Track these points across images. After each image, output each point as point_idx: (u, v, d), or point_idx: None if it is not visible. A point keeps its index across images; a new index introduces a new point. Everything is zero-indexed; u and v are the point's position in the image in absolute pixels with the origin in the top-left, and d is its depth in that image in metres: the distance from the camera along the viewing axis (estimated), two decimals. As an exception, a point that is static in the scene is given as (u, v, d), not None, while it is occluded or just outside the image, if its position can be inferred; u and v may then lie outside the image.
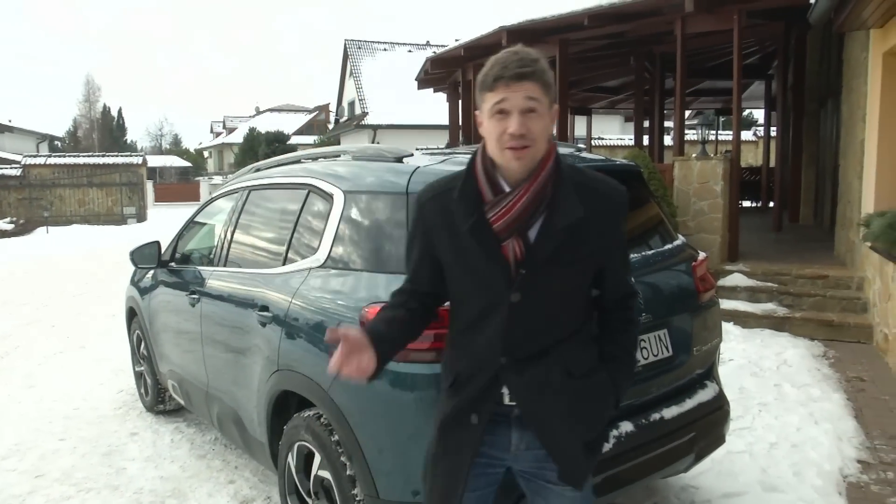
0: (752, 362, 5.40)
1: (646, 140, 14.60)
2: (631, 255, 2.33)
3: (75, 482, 3.79)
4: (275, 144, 30.47)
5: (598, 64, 12.65)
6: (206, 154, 62.22)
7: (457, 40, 12.65)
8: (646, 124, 14.54)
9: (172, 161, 52.63)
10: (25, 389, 5.53)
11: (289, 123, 47.04)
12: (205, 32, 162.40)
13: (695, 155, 8.22)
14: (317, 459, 2.61)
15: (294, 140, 37.37)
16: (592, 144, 21.42)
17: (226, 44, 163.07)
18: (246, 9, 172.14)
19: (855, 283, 6.73)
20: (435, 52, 13.75)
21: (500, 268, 1.68)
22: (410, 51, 33.66)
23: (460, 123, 14.16)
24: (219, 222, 3.97)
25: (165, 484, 3.72)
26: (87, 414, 4.88)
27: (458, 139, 14.15)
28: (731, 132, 9.35)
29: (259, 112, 56.56)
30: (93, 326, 7.79)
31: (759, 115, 34.23)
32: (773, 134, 15.37)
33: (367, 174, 2.77)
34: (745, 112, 33.91)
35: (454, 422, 1.79)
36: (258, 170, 3.92)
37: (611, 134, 29.69)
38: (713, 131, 22.20)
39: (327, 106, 48.48)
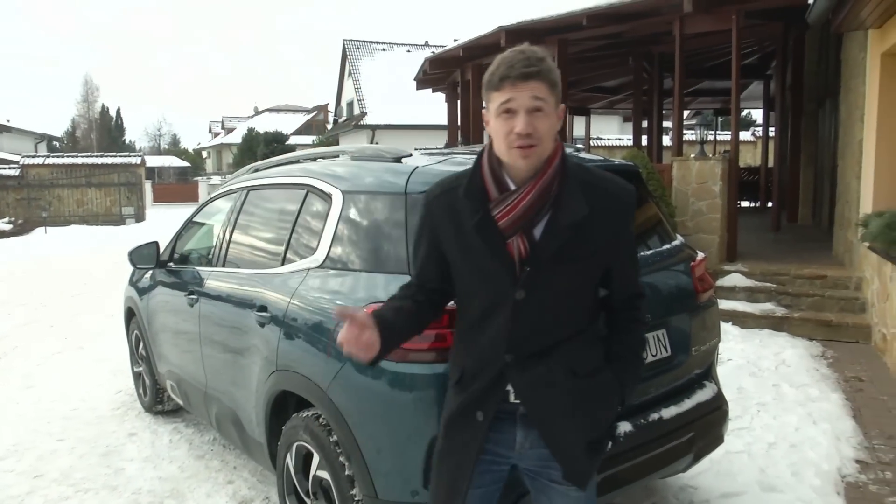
0: (750, 362, 5.41)
1: (644, 140, 14.61)
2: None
3: (73, 483, 3.79)
4: (273, 145, 30.45)
5: (597, 64, 12.66)
6: (204, 154, 62.18)
7: (455, 40, 12.64)
8: (644, 124, 14.55)
9: (171, 161, 52.63)
10: (24, 390, 5.52)
11: (287, 124, 47.01)
12: (203, 32, 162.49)
13: (693, 155, 8.22)
14: (315, 460, 2.61)
15: (293, 140, 37.36)
16: (591, 144, 21.42)
17: (224, 44, 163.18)
18: (244, 9, 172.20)
19: (853, 283, 6.74)
20: (434, 53, 13.75)
21: (504, 265, 1.69)
22: (409, 51, 33.65)
23: (459, 123, 14.15)
24: (217, 222, 3.96)
25: (164, 484, 3.72)
26: (85, 414, 4.87)
27: (457, 139, 14.15)
28: (729, 132, 9.36)
29: (258, 112, 56.50)
30: (91, 327, 7.78)
31: (757, 115, 34.31)
32: (772, 134, 15.40)
33: (365, 174, 2.77)
34: (744, 112, 33.99)
35: (460, 418, 1.80)
36: (257, 170, 3.91)
37: (609, 134, 29.72)
38: (712, 131, 22.22)
39: (326, 106, 48.46)
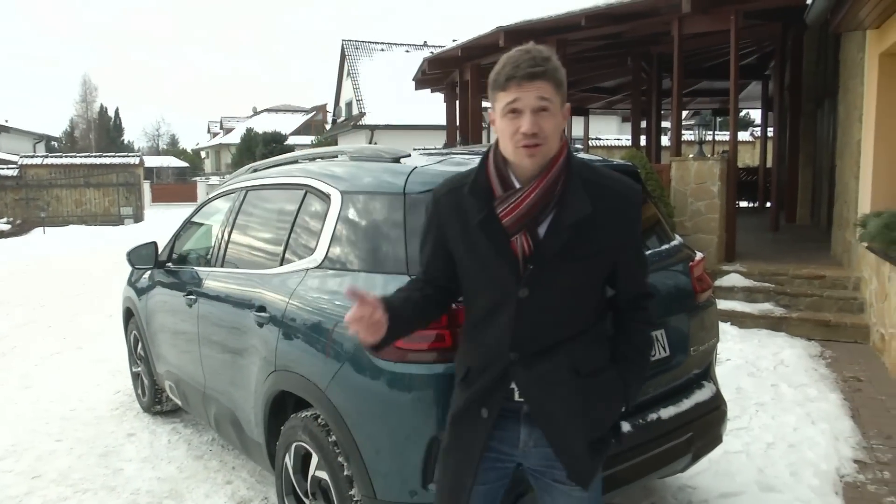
0: (749, 362, 5.41)
1: (643, 140, 14.61)
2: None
3: (72, 483, 3.78)
4: (272, 145, 30.45)
5: (596, 64, 12.67)
6: (203, 154, 62.15)
7: (454, 41, 12.65)
8: (643, 125, 14.56)
9: (169, 161, 52.58)
10: (22, 390, 5.51)
11: (286, 124, 47.01)
12: (202, 33, 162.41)
13: (692, 155, 8.22)
14: (314, 460, 2.61)
15: (291, 140, 37.36)
16: (590, 145, 21.44)
17: (223, 44, 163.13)
18: (243, 9, 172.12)
19: (851, 283, 6.75)
20: (432, 53, 13.76)
21: (508, 263, 1.70)
22: (408, 51, 33.64)
23: (458, 124, 14.15)
24: (216, 223, 3.96)
25: (162, 485, 3.72)
26: (83, 415, 4.87)
27: (456, 139, 14.15)
28: (727, 132, 9.36)
29: (256, 112, 56.48)
30: (89, 327, 7.78)
31: (756, 115, 34.36)
32: (770, 134, 15.41)
33: (364, 174, 2.76)
34: (742, 112, 34.02)
35: (465, 415, 1.81)
36: (255, 170, 3.91)
37: (608, 134, 29.73)
38: (710, 132, 22.24)
39: (325, 106, 48.44)
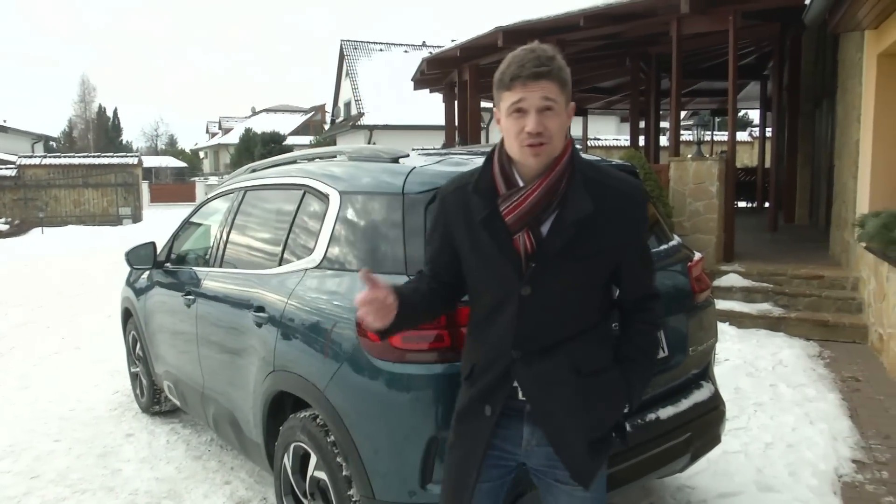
0: (747, 362, 5.41)
1: (641, 140, 14.62)
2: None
3: (70, 483, 3.78)
4: (271, 145, 30.47)
5: (595, 65, 12.67)
6: (201, 154, 62.10)
7: (453, 41, 12.66)
8: (641, 125, 14.57)
9: (168, 161, 52.54)
10: (20, 390, 5.51)
11: (285, 124, 46.99)
12: (200, 33, 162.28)
13: (690, 155, 8.23)
14: (313, 460, 2.60)
15: (290, 140, 37.37)
16: (588, 145, 21.45)
17: (221, 44, 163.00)
18: (242, 9, 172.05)
19: (850, 283, 6.75)
20: (431, 53, 13.75)
21: (510, 260, 1.71)
22: (407, 51, 33.64)
23: (456, 124, 14.15)
24: (214, 223, 3.96)
25: (161, 485, 3.71)
26: (82, 415, 4.86)
27: (454, 140, 14.15)
28: (726, 133, 9.35)
29: (255, 112, 56.43)
30: (88, 327, 7.77)
31: (754, 115, 34.40)
32: (769, 134, 15.42)
33: (363, 175, 2.76)
34: (741, 113, 34.04)
35: (469, 412, 1.82)
36: (254, 170, 3.91)
37: (607, 134, 29.74)
38: (709, 132, 22.29)
39: (323, 106, 48.43)
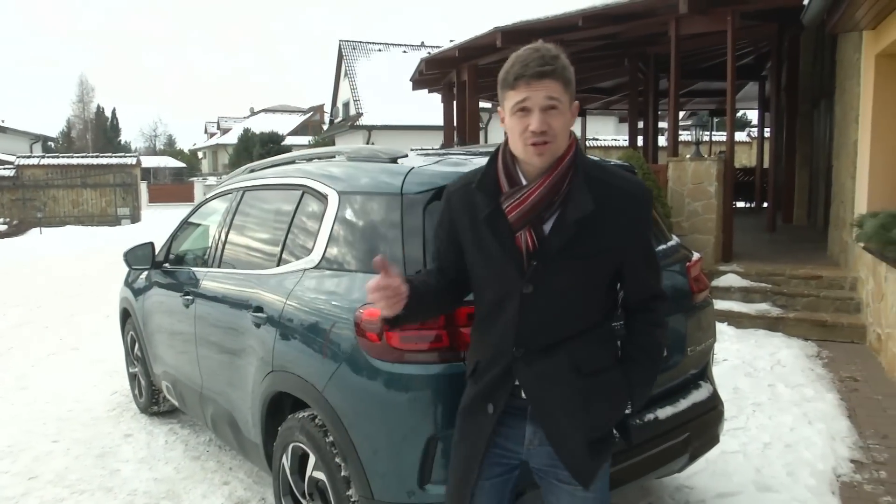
0: (745, 362, 5.42)
1: (640, 141, 14.64)
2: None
3: (69, 484, 3.78)
4: (269, 145, 30.45)
5: (593, 65, 12.68)
6: (200, 155, 62.04)
7: (451, 41, 12.66)
8: (640, 125, 14.58)
9: (166, 162, 52.47)
10: (18, 391, 5.50)
11: (283, 124, 46.98)
12: (199, 33, 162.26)
13: (689, 156, 8.23)
14: (311, 461, 2.60)
15: (289, 141, 37.35)
16: (587, 145, 21.46)
17: (220, 44, 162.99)
18: (240, 9, 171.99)
19: (848, 283, 6.76)
20: (430, 53, 13.75)
21: (512, 258, 1.72)
22: (405, 51, 33.65)
23: (455, 124, 14.16)
24: (213, 223, 3.96)
25: (159, 485, 3.71)
26: (80, 415, 4.86)
27: (453, 140, 14.15)
28: (724, 133, 9.37)
29: (253, 113, 56.40)
30: (86, 328, 7.76)
31: (752, 115, 34.38)
32: (767, 135, 15.43)
33: (361, 175, 2.76)
34: (739, 113, 34.05)
35: (472, 410, 1.83)
36: (252, 170, 3.91)
37: (605, 135, 29.73)
38: (707, 132, 22.30)
39: (322, 107, 48.44)
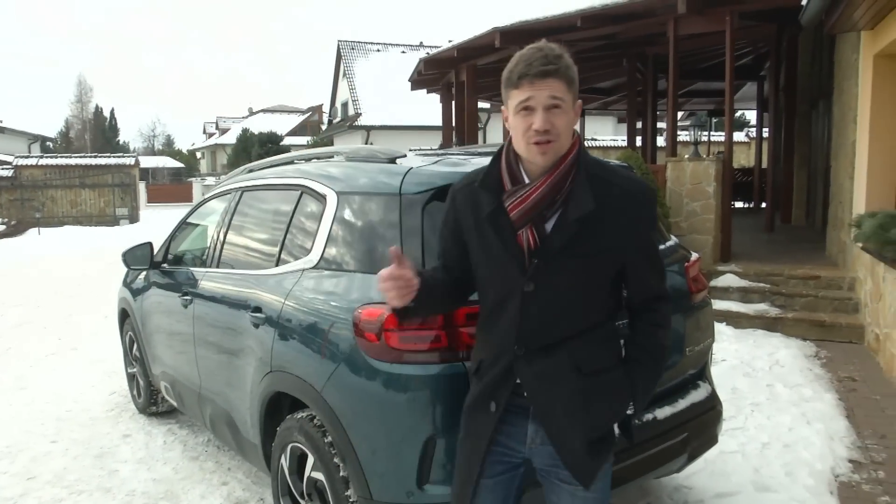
0: (744, 362, 5.42)
1: (638, 141, 14.64)
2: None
3: (67, 484, 3.77)
4: (268, 145, 30.43)
5: (592, 65, 12.67)
6: (198, 155, 61.97)
7: (450, 41, 12.65)
8: (638, 125, 14.59)
9: (165, 162, 52.46)
10: (17, 391, 5.49)
11: (282, 124, 46.95)
12: (197, 33, 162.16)
13: (687, 156, 8.25)
14: (310, 461, 2.60)
15: (287, 141, 37.30)
16: (586, 146, 21.46)
17: (218, 44, 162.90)
18: (239, 10, 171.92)
19: (846, 283, 6.77)
20: (428, 53, 13.75)
21: (514, 256, 1.72)
22: (404, 52, 33.64)
23: (453, 124, 14.15)
24: (211, 223, 3.95)
25: (158, 486, 3.71)
26: (79, 416, 4.85)
27: (452, 140, 14.15)
28: (723, 133, 9.38)
29: (252, 113, 56.36)
30: (85, 328, 7.76)
31: (751, 116, 34.39)
32: (766, 135, 15.45)
33: (360, 175, 2.76)
34: (738, 113, 34.09)
35: (476, 407, 1.84)
36: (251, 171, 3.91)
37: (604, 135, 29.78)
38: (705, 132, 22.31)
39: (320, 107, 48.40)
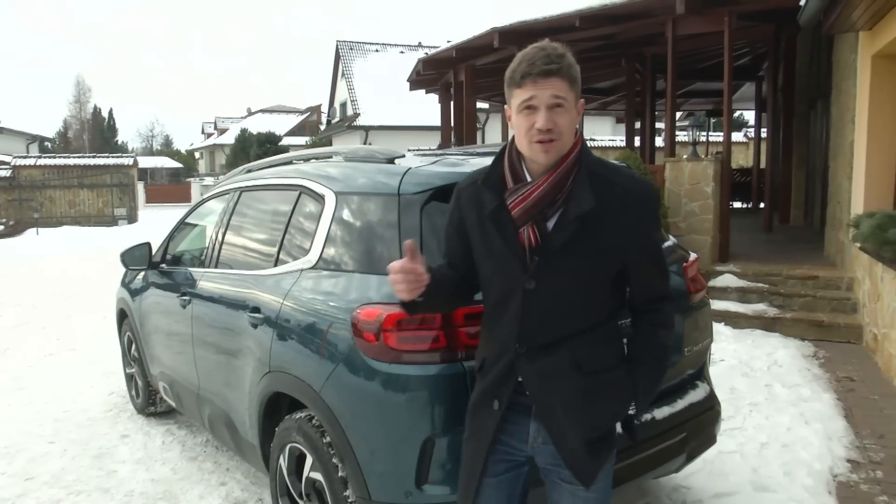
0: (742, 363, 5.42)
1: (637, 141, 14.65)
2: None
3: (65, 485, 3.77)
4: (266, 145, 30.39)
5: (590, 65, 12.67)
6: (197, 155, 61.93)
7: (449, 41, 12.67)
8: (637, 126, 14.59)
9: (163, 162, 52.41)
10: (15, 392, 5.49)
11: (280, 124, 46.92)
12: (196, 33, 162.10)
13: (686, 156, 8.25)
14: (308, 461, 2.60)
15: (286, 141, 37.27)
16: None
17: (217, 45, 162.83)
18: (237, 10, 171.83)
19: (845, 283, 6.77)
20: (427, 54, 13.75)
21: (515, 253, 1.73)
22: (402, 52, 33.63)
23: (452, 124, 14.15)
24: (210, 223, 3.95)
25: (156, 486, 3.71)
26: (77, 416, 4.85)
27: (450, 140, 14.15)
28: (721, 133, 9.38)
29: (251, 113, 56.33)
30: (83, 328, 7.75)
31: (749, 116, 34.46)
32: (764, 135, 15.46)
33: (358, 175, 2.76)
34: (736, 113, 34.09)
35: (479, 406, 1.85)
36: (250, 171, 3.91)
37: (602, 135, 29.79)
38: (704, 132, 22.31)
39: (319, 107, 48.37)
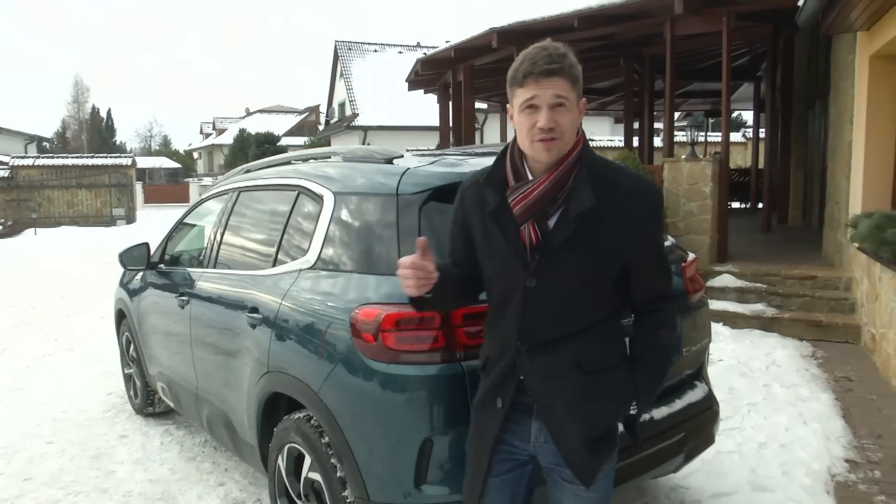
0: (741, 363, 5.43)
1: (635, 141, 14.66)
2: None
3: (64, 485, 3.76)
4: (265, 146, 30.39)
5: (589, 66, 12.69)
6: (195, 155, 61.88)
7: (447, 42, 12.66)
8: (635, 126, 14.60)
9: (162, 162, 52.39)
10: (13, 392, 5.48)
11: (279, 125, 46.88)
12: (195, 34, 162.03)
13: (684, 156, 8.25)
14: (307, 461, 2.60)
15: (284, 141, 37.25)
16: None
17: (216, 45, 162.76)
18: (236, 10, 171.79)
19: (843, 283, 6.78)
20: (425, 54, 13.75)
21: (517, 251, 1.74)
22: (401, 52, 33.64)
23: (451, 124, 14.16)
24: (208, 224, 3.95)
25: (155, 487, 3.70)
26: (75, 416, 4.84)
27: (449, 140, 14.15)
28: (720, 133, 9.39)
29: (249, 113, 56.30)
30: (82, 328, 7.74)
31: (748, 116, 34.48)
32: (762, 135, 15.48)
33: (357, 175, 2.76)
34: (734, 114, 34.13)
35: (483, 404, 1.86)
36: (248, 171, 3.90)
37: (601, 135, 29.77)
38: (702, 133, 22.34)
39: (318, 107, 48.36)
